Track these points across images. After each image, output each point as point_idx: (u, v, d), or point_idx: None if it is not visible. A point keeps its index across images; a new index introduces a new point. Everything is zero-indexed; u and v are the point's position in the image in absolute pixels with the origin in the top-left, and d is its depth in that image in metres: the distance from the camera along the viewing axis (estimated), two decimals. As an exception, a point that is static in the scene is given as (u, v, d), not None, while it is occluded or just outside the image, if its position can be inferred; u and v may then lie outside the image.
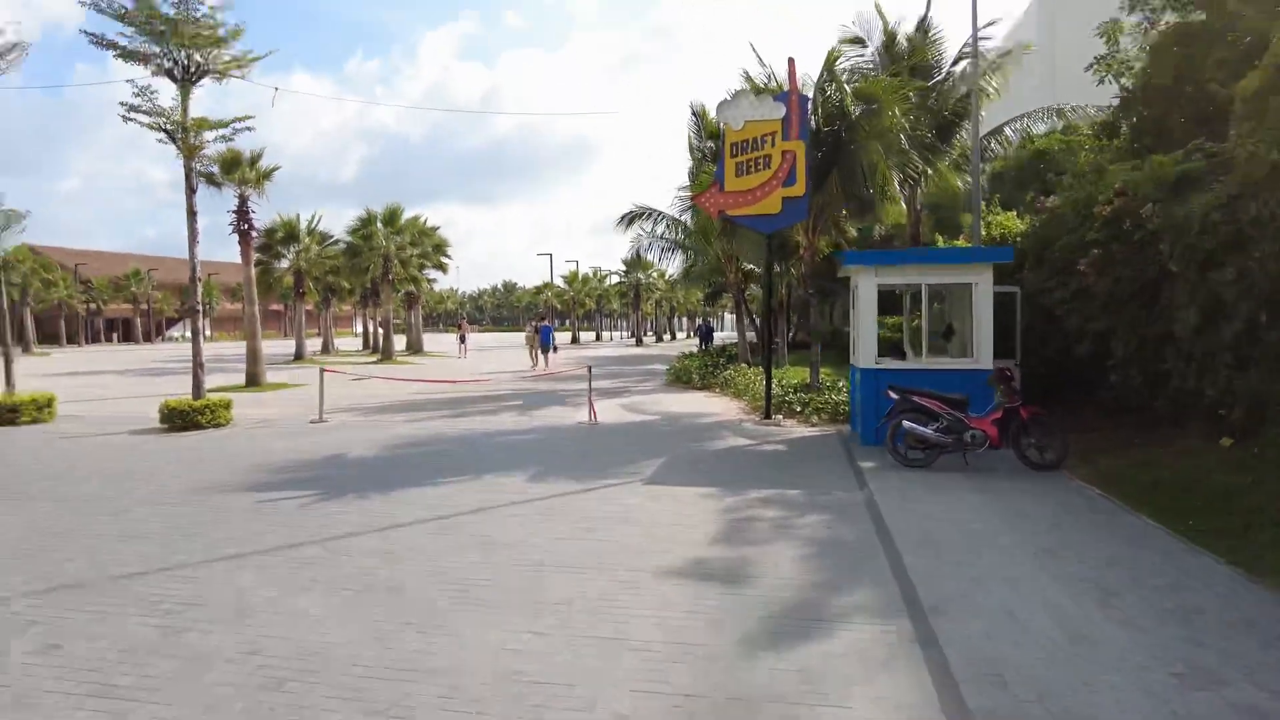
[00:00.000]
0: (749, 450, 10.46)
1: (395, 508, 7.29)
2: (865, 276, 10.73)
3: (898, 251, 14.08)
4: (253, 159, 23.06)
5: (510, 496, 7.71)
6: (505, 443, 11.29)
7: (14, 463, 10.12)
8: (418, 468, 9.37)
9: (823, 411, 12.83)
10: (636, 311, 66.44)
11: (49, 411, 14.30)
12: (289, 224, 35.46)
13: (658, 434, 12.05)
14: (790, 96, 12.47)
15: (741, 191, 12.58)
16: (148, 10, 13.12)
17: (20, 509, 7.49)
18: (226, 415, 13.62)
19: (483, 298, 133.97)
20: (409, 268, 37.24)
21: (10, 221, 14.90)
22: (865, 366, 10.58)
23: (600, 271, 74.08)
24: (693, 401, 16.73)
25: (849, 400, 12.59)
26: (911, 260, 11.34)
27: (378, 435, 12.13)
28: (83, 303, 68.18)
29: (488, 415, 14.63)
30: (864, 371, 10.60)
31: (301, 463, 9.77)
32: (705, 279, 30.38)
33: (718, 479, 8.44)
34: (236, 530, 6.56)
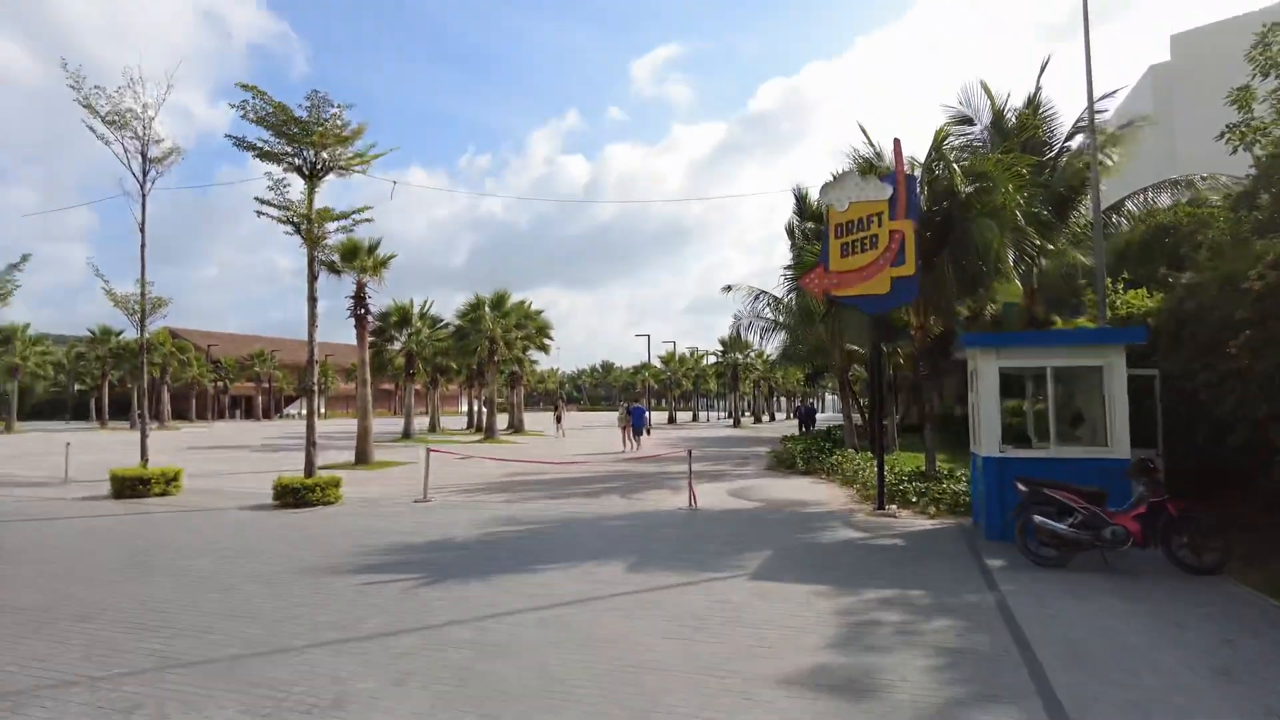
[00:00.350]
0: (863, 544, 9.83)
1: (494, 595, 7.12)
2: (985, 359, 10.14)
3: (1020, 333, 13.36)
4: (370, 247, 24.40)
5: (610, 587, 7.42)
6: (604, 528, 11.04)
7: (142, 534, 10.58)
8: (517, 552, 9.22)
9: (941, 502, 12.04)
10: (734, 392, 65.84)
11: (176, 485, 15.05)
12: (402, 308, 37.22)
13: (762, 523, 11.55)
14: (897, 176, 12.22)
15: (847, 272, 12.29)
16: (284, 115, 14.21)
17: (142, 582, 7.73)
18: (335, 493, 13.97)
19: (581, 377, 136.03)
20: (513, 349, 38.26)
21: (156, 308, 16.14)
22: (988, 454, 9.88)
23: (697, 352, 74.27)
24: (798, 488, 16.10)
25: (969, 490, 11.79)
26: (1035, 342, 10.66)
27: (479, 516, 12.12)
28: (212, 381, 73.10)
29: (586, 498, 14.47)
30: (987, 460, 9.90)
31: (404, 544, 9.80)
32: (807, 360, 29.81)
33: (831, 576, 7.91)
34: (338, 614, 6.52)
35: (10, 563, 8.82)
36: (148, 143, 15.78)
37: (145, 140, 15.72)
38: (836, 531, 10.68)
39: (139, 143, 15.68)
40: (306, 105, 14.27)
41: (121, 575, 8.10)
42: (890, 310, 13.65)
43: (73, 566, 8.56)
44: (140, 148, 15.75)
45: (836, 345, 21.39)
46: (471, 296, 37.93)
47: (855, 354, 25.71)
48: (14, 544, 10.00)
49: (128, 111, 15.41)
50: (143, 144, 15.73)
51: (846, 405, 23.39)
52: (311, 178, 14.92)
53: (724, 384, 75.05)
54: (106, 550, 9.49)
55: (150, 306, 15.89)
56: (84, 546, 9.76)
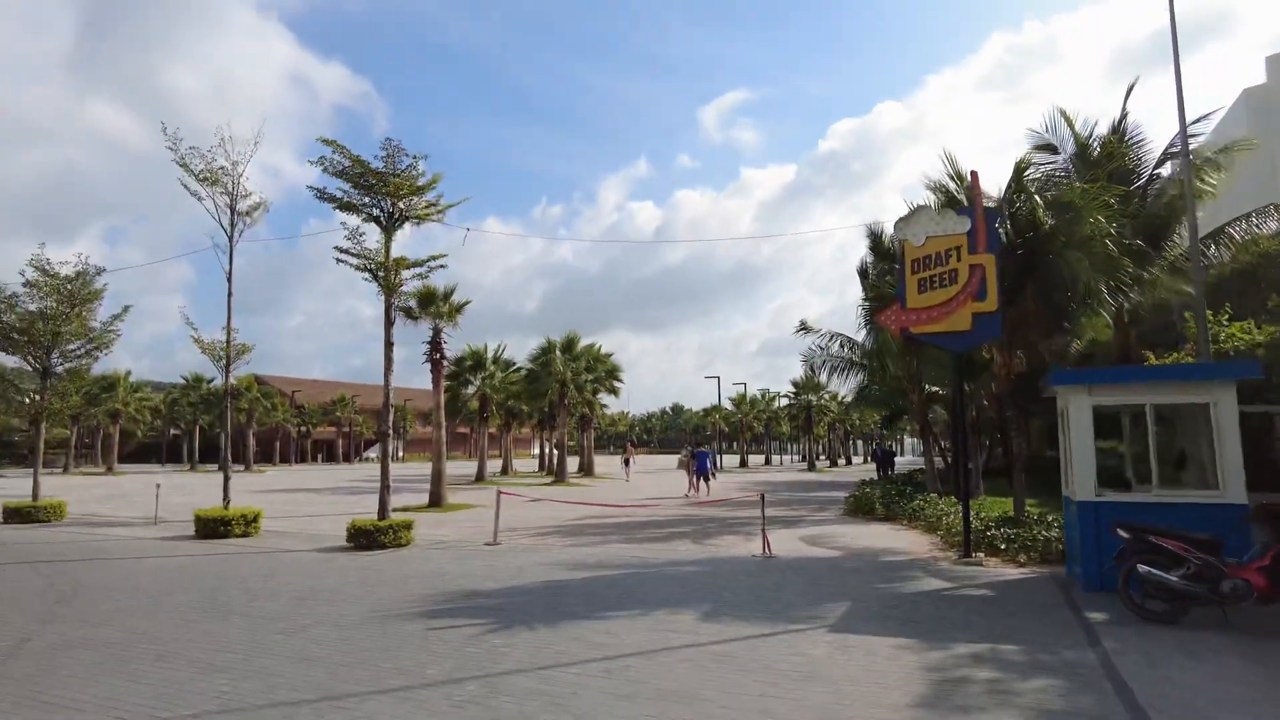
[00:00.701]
0: (949, 594, 9.25)
1: (561, 643, 6.91)
2: (1077, 397, 9.54)
3: (1116, 369, 12.58)
4: (446, 294, 24.96)
5: (680, 637, 7.11)
6: (674, 574, 10.72)
7: (220, 574, 10.79)
8: (585, 598, 9.00)
9: (1032, 550, 11.30)
10: (808, 435, 64.53)
11: (255, 526, 15.41)
12: (476, 353, 37.93)
13: (841, 571, 11.03)
14: (976, 209, 11.81)
15: (926, 308, 11.85)
16: (361, 167, 14.71)
17: (217, 621, 7.82)
18: (408, 535, 14.04)
19: (651, 420, 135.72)
20: (583, 392, 38.47)
21: (240, 354, 16.78)
22: (1083, 499, 9.23)
23: (769, 394, 73.17)
24: (877, 535, 15.43)
25: (1063, 537, 11.04)
26: (1133, 378, 9.98)
27: (548, 559, 11.97)
28: (295, 426, 75.72)
29: (656, 542, 14.17)
30: (1082, 504, 9.25)
31: (472, 588, 9.70)
32: (884, 402, 28.93)
33: (915, 628, 7.41)
34: (403, 659, 6.40)
35: (98, 600, 9.07)
36: (236, 198, 16.58)
37: (234, 195, 16.54)
38: (920, 581, 10.11)
39: (228, 198, 16.50)
40: (382, 155, 14.75)
41: (199, 615, 8.22)
42: (972, 348, 13.09)
43: (154, 605, 8.74)
44: (229, 202, 16.56)
45: (915, 385, 20.66)
46: (544, 340, 38.45)
47: (935, 395, 24.83)
48: (103, 582, 10.32)
49: (219, 169, 16.26)
50: (231, 199, 16.55)
51: (928, 448, 22.49)
52: (388, 227, 15.33)
53: (797, 426, 73.69)
54: (186, 589, 9.69)
55: (234, 353, 16.52)
56: (166, 585, 10.00)
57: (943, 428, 35.49)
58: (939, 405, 27.59)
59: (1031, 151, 14.30)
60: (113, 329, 19.57)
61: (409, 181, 15.03)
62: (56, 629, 7.67)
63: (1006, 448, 33.05)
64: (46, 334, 18.47)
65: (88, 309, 18.90)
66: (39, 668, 6.29)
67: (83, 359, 19.63)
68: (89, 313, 19.00)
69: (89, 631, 7.52)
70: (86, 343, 19.23)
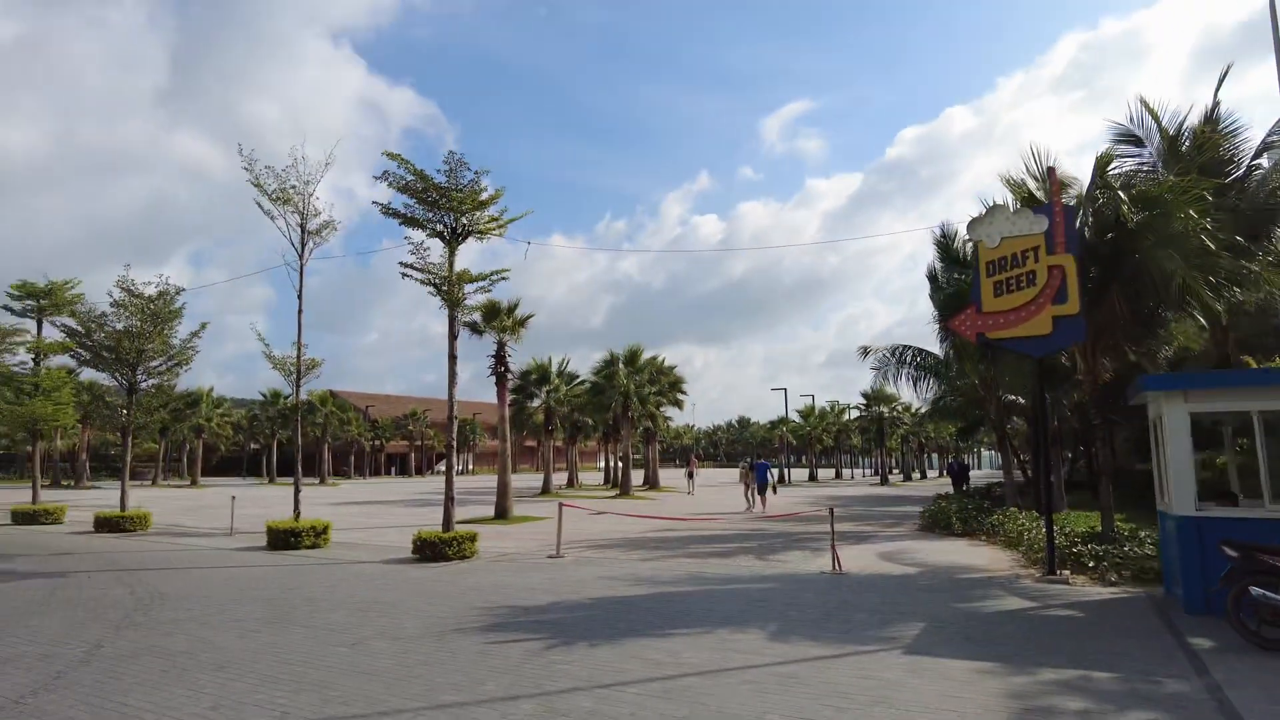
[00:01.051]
0: (1032, 615, 8.67)
1: (619, 661, 6.67)
2: (1173, 404, 8.86)
3: (1216, 373, 11.73)
4: (509, 308, 25.19)
5: (744, 657, 6.79)
6: (739, 590, 10.38)
7: (288, 585, 10.93)
8: (647, 614, 8.76)
9: (1124, 568, 10.57)
10: (880, 448, 62.91)
11: (324, 537, 15.66)
12: (541, 366, 38.23)
13: (915, 589, 10.51)
14: (1054, 207, 11.20)
15: (1003, 312, 11.27)
16: (424, 182, 14.88)
17: (280, 632, 7.85)
18: (472, 548, 14.04)
19: (717, 433, 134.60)
20: (646, 404, 38.30)
21: (310, 369, 17.14)
22: (1182, 514, 8.55)
23: (838, 405, 71.67)
24: (954, 551, 14.74)
25: (1159, 555, 10.29)
26: (1237, 383, 9.22)
27: (610, 573, 11.77)
28: (369, 439, 77.71)
29: (720, 557, 13.83)
30: (1181, 521, 8.56)
31: (533, 602, 9.56)
32: (959, 413, 27.84)
33: (997, 651, 6.92)
34: (458, 674, 6.27)
35: (171, 609, 9.26)
36: (307, 217, 16.98)
37: (305, 214, 16.93)
38: (1000, 600, 9.53)
39: (299, 217, 16.90)
40: (445, 170, 14.90)
41: (263, 625, 8.28)
42: (1053, 353, 12.40)
43: (222, 615, 8.86)
44: (300, 221, 16.96)
45: (992, 395, 19.79)
46: (606, 353, 38.52)
47: (1014, 404, 23.78)
48: (178, 590, 10.56)
49: (291, 188, 16.68)
50: (302, 218, 16.94)
51: (1006, 460, 21.52)
52: (451, 241, 15.48)
53: (869, 439, 71.99)
54: (253, 600, 9.81)
55: (304, 368, 16.89)
56: (235, 595, 10.16)
57: (1022, 439, 34.03)
58: (1017, 416, 26.46)
59: (1113, 145, 13.51)
60: (191, 345, 20.33)
61: (472, 196, 15.14)
62: (129, 636, 7.81)
63: (1090, 460, 31.57)
64: (132, 351, 19.29)
65: (169, 327, 19.66)
66: (107, 675, 6.38)
67: (165, 375, 20.42)
68: (170, 331, 19.76)
69: (158, 640, 7.64)
70: (168, 359, 20.01)
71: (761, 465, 27.59)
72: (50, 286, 23.07)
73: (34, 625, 8.45)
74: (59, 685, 6.10)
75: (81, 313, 20.17)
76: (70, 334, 20.24)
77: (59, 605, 9.62)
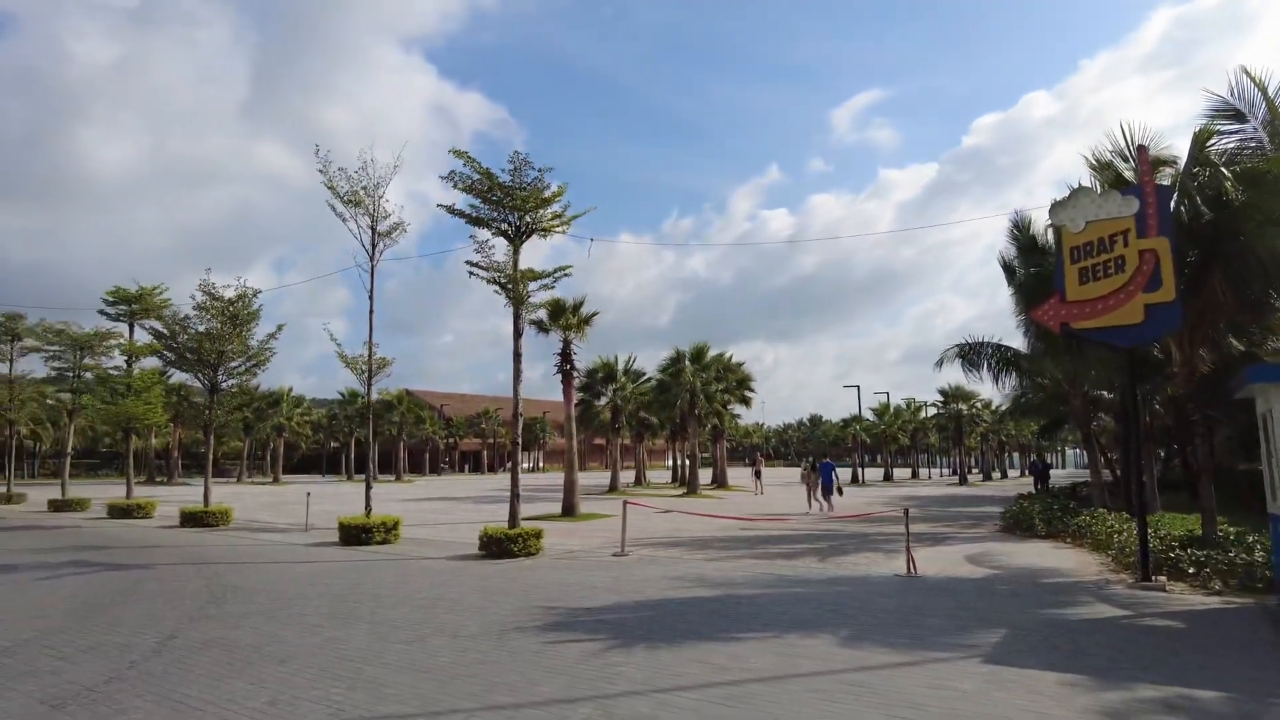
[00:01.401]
0: (1125, 624, 8.08)
1: (680, 664, 6.44)
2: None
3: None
4: (575, 306, 25.23)
5: (811, 663, 6.47)
6: (807, 594, 10.02)
7: (353, 580, 11.08)
8: (711, 615, 8.50)
9: (1229, 575, 9.78)
10: (958, 447, 60.88)
11: (395, 534, 15.90)
12: (608, 364, 38.28)
13: (996, 593, 9.96)
14: (1145, 188, 10.48)
15: (1089, 300, 10.61)
16: (489, 181, 14.94)
17: (342, 628, 7.90)
18: (537, 545, 14.03)
19: (788, 432, 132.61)
20: (713, 402, 37.92)
21: (380, 368, 17.45)
22: (1297, 517, 7.83)
23: (914, 403, 69.66)
24: (1037, 553, 14.00)
25: (1270, 561, 9.49)
26: (1357, 373, 8.43)
27: (674, 573, 11.56)
28: (444, 438, 79.39)
29: (789, 558, 13.46)
30: (1295, 524, 7.84)
31: (595, 601, 9.42)
32: (1041, 410, 26.60)
33: (1087, 663, 6.42)
34: (515, 674, 6.14)
35: (243, 602, 9.46)
36: (377, 219, 17.26)
37: (375, 216, 17.21)
38: (1090, 607, 8.93)
39: (370, 219, 17.20)
40: (509, 169, 14.93)
41: (327, 620, 8.35)
42: (1145, 343, 11.63)
43: (289, 609, 8.99)
44: (371, 223, 17.25)
45: (1077, 390, 18.79)
46: (672, 350, 38.28)
47: (1100, 400, 22.57)
48: (251, 584, 10.81)
49: (361, 190, 16.97)
50: (373, 220, 17.22)
51: (1093, 459, 20.40)
52: (516, 239, 15.51)
53: (946, 438, 69.80)
54: (321, 595, 9.95)
55: (375, 366, 17.19)
56: (304, 590, 10.32)
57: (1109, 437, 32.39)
58: (1103, 412, 25.12)
59: (1213, 121, 12.56)
60: (269, 346, 20.99)
61: (535, 193, 15.13)
62: (201, 628, 7.98)
63: (1184, 458, 29.79)
64: (213, 352, 20.00)
65: (247, 329, 20.33)
66: (175, 666, 6.49)
67: (244, 375, 21.13)
68: (248, 332, 20.43)
69: (227, 632, 7.77)
70: (247, 359, 20.70)
71: (826, 465, 26.14)
72: (140, 291, 24.16)
73: (117, 615, 8.74)
74: (131, 675, 6.23)
75: (167, 316, 21.07)
76: (157, 336, 21.19)
77: (142, 596, 9.95)
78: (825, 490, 25.07)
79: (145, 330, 23.46)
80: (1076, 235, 10.86)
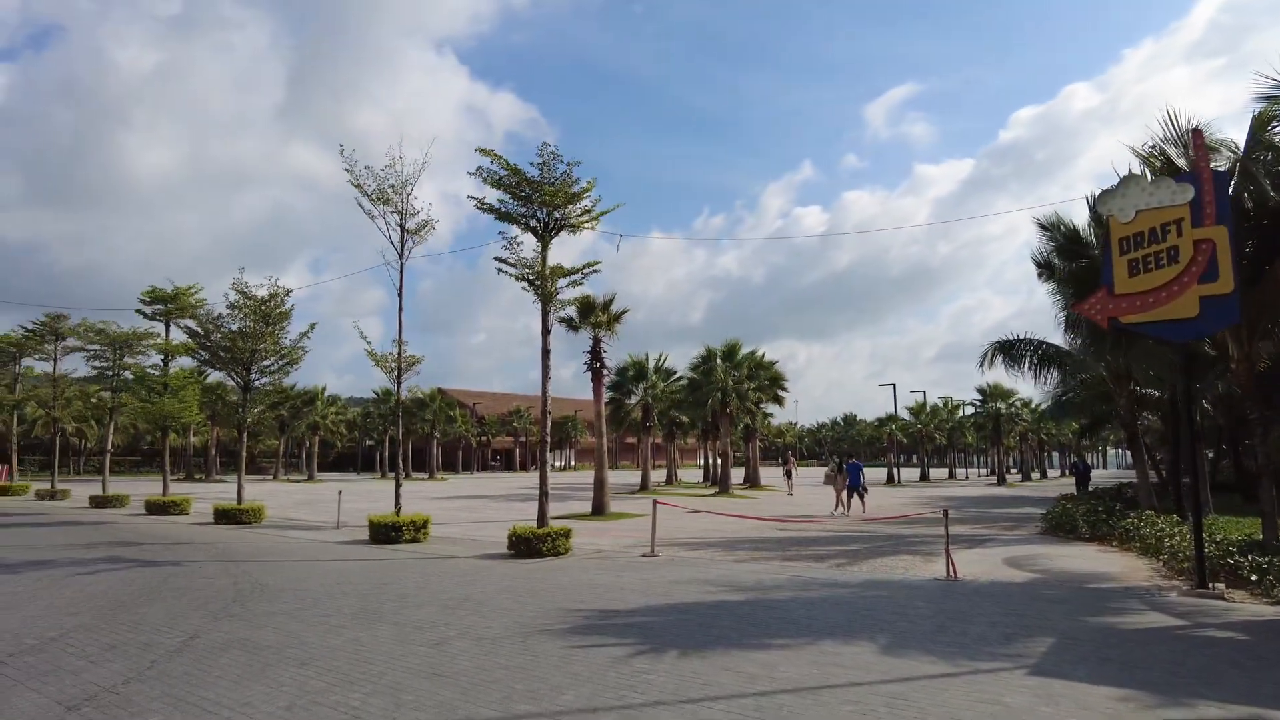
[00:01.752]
0: (1182, 635, 7.63)
1: (709, 672, 6.18)
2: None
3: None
4: (604, 304, 25.02)
5: (846, 673, 6.17)
6: (843, 598, 9.68)
7: (382, 580, 10.97)
8: (742, 621, 8.22)
9: (1293, 583, 9.25)
10: (997, 446, 59.61)
11: (424, 532, 15.83)
12: (638, 363, 38.08)
13: (1041, 599, 9.53)
14: (1201, 174, 9.94)
15: (1140, 294, 10.11)
16: (517, 176, 14.78)
17: (365, 629, 7.76)
18: (566, 544, 13.86)
19: (822, 431, 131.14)
20: (745, 400, 37.48)
21: (410, 365, 17.41)
22: (1369, 522, 7.33)
23: (951, 401, 68.41)
24: (1082, 557, 13.49)
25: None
26: None
27: (705, 575, 11.28)
28: (476, 436, 79.80)
29: (822, 560, 13.11)
30: (1368, 530, 7.34)
31: (623, 604, 9.18)
32: (1083, 409, 25.78)
33: (1142, 677, 6.03)
34: (537, 680, 5.93)
35: (268, 601, 9.38)
36: (405, 216, 17.20)
37: (403, 214, 17.16)
38: (1142, 615, 8.49)
39: (398, 216, 17.15)
40: (538, 163, 14.77)
41: (350, 621, 8.22)
42: (1201, 338, 11.10)
43: (313, 609, 8.89)
44: (399, 221, 17.20)
45: (1123, 388, 18.12)
46: (703, 349, 37.91)
47: (1146, 398, 21.80)
48: (278, 583, 10.76)
49: (390, 188, 16.93)
50: (401, 217, 17.17)
51: (1139, 459, 19.68)
52: (544, 235, 15.34)
53: (984, 437, 68.47)
54: (346, 594, 9.84)
55: (405, 364, 17.15)
56: (330, 589, 10.23)
57: (1155, 437, 31.39)
58: (1149, 411, 24.29)
59: (1270, 106, 11.95)
60: (301, 345, 21.09)
61: (564, 188, 14.94)
62: (224, 628, 7.89)
63: (1236, 459, 28.73)
64: (246, 351, 20.15)
65: (279, 327, 20.44)
66: (195, 666, 6.38)
67: (277, 374, 21.26)
68: (280, 331, 20.54)
69: (250, 632, 7.67)
70: (279, 358, 20.81)
71: (854, 465, 24.71)
72: (175, 291, 24.46)
73: (143, 612, 8.70)
74: (150, 675, 6.13)
75: (200, 315, 21.29)
76: (191, 335, 21.41)
77: (169, 593, 9.94)
78: (852, 491, 24.06)
79: (180, 329, 23.77)
80: (1126, 225, 10.36)
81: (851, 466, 24.50)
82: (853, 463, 24.87)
